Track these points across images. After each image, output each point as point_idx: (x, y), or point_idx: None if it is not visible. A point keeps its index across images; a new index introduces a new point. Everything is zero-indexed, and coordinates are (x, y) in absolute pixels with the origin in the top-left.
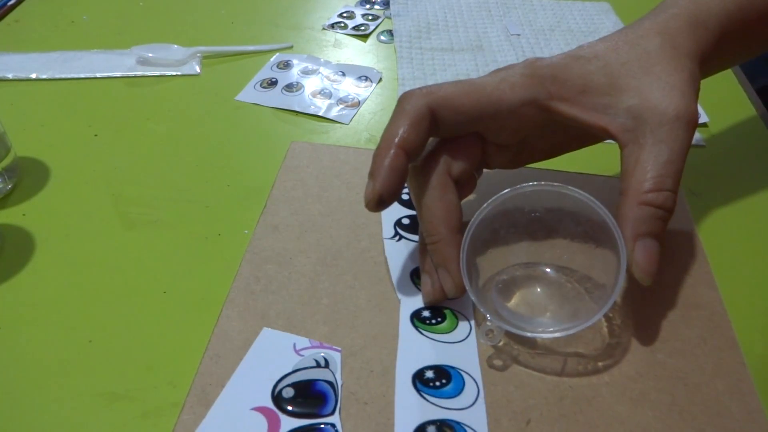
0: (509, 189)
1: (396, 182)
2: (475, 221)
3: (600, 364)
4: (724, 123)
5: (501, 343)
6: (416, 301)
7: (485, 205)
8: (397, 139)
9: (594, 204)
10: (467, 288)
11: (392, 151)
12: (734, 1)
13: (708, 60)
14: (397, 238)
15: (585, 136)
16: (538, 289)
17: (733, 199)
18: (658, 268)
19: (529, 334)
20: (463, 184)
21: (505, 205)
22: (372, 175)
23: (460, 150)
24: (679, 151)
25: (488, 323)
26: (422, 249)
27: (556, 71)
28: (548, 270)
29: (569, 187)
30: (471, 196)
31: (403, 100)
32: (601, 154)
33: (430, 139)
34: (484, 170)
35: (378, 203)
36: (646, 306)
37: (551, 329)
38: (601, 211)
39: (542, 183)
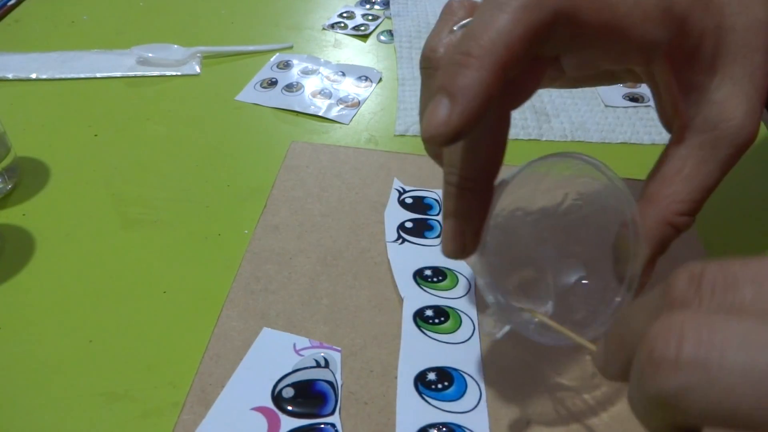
0: (544, 156)
1: (483, 113)
2: (506, 182)
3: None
4: None
5: (500, 337)
6: (419, 301)
7: (521, 166)
8: (501, 51)
9: (630, 207)
10: (477, 262)
11: (489, 66)
12: None
13: None
14: (400, 241)
15: (627, 77)
16: (549, 284)
17: (734, 198)
18: None
19: (535, 337)
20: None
21: (537, 172)
22: (450, 93)
23: (533, 74)
24: (721, 178)
25: (492, 311)
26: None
27: (686, 13)
28: (566, 267)
29: (617, 177)
30: None
31: None
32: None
33: None
34: None
35: (452, 138)
36: None
37: (551, 334)
38: (630, 221)
39: (585, 158)
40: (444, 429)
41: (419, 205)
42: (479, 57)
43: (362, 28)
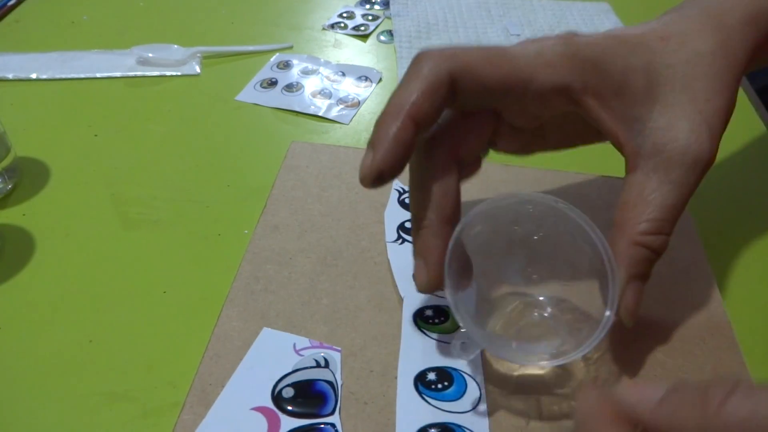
0: (508, 194)
1: (400, 157)
2: (470, 218)
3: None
4: None
5: (472, 358)
6: (419, 301)
7: (483, 204)
8: (408, 107)
9: (594, 235)
10: (446, 290)
11: (400, 120)
12: None
13: (757, 59)
14: (400, 241)
15: (602, 136)
16: (528, 314)
17: (733, 199)
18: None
19: (508, 358)
20: (467, 165)
21: (499, 210)
22: (372, 144)
23: (471, 127)
24: (686, 196)
25: (462, 334)
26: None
27: (597, 57)
28: (539, 296)
29: (573, 208)
30: (470, 186)
31: (420, 60)
32: (601, 154)
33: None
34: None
35: (376, 178)
36: (645, 308)
37: (531, 356)
38: (599, 244)
39: (547, 197)
40: (444, 429)
41: None
42: (392, 114)
43: (362, 28)
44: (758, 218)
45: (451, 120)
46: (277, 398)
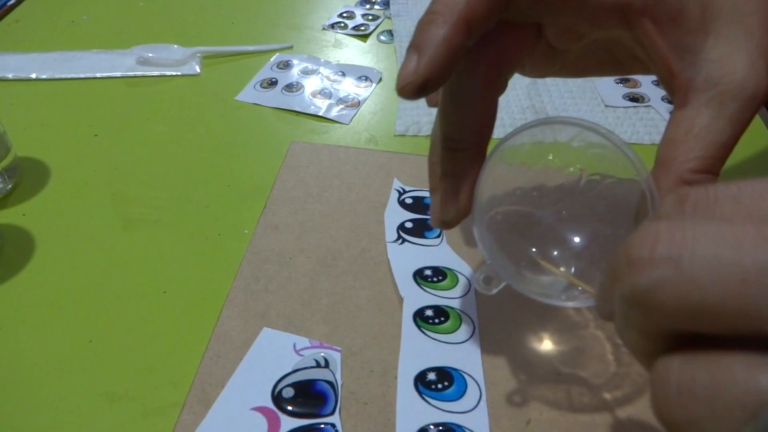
0: (546, 118)
1: (448, 64)
2: (505, 141)
3: (606, 395)
4: None
5: (494, 292)
6: (419, 301)
7: (519, 128)
8: (461, 7)
9: (641, 170)
10: (474, 219)
11: (453, 21)
12: None
13: None
14: (400, 241)
15: (625, 66)
16: (554, 251)
17: None
18: None
19: (534, 296)
20: (502, 84)
21: (533, 138)
22: (417, 47)
23: (515, 41)
24: (739, 133)
25: (487, 267)
26: (434, 163)
27: None
28: (572, 236)
29: (616, 136)
30: None
31: None
32: None
33: None
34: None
35: (420, 87)
36: None
37: (559, 296)
38: (644, 182)
39: (586, 122)
40: (444, 429)
41: (419, 205)
42: (442, 13)
43: (362, 28)
44: None
45: (492, 31)
46: (277, 398)
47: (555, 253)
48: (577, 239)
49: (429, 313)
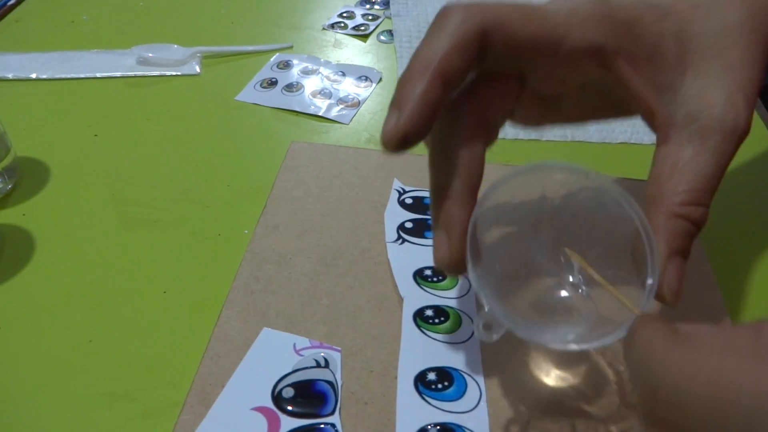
0: (533, 164)
1: (427, 118)
2: (494, 188)
3: (613, 428)
4: None
5: (496, 339)
6: (419, 301)
7: (506, 174)
8: (436, 63)
9: (632, 209)
10: (469, 266)
11: (428, 78)
12: None
13: None
14: (400, 241)
15: (623, 108)
16: (555, 295)
17: (733, 198)
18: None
19: (535, 340)
20: (489, 133)
21: (526, 179)
22: (397, 104)
23: (496, 90)
24: (723, 165)
25: (486, 313)
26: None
27: (631, 19)
28: (569, 276)
29: (606, 177)
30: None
31: (446, 14)
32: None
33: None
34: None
35: (401, 142)
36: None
37: (562, 340)
38: (636, 218)
39: (576, 166)
40: (444, 429)
41: (419, 205)
42: (419, 70)
43: (362, 28)
44: (759, 218)
45: (475, 82)
46: (277, 398)
47: (555, 296)
48: (578, 281)
49: (429, 313)
